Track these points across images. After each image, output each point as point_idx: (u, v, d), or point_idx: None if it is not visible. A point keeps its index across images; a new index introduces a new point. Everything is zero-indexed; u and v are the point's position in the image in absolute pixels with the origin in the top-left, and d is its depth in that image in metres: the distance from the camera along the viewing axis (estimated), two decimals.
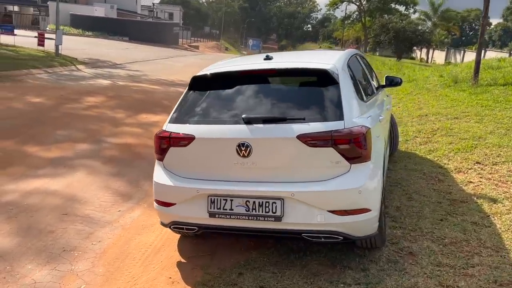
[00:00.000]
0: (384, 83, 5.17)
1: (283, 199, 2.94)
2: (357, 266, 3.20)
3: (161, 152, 3.30)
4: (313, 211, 2.92)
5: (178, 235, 3.84)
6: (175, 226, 3.30)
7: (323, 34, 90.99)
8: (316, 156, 2.92)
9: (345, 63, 3.48)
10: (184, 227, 3.26)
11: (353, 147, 2.91)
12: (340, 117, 2.97)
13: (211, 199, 3.07)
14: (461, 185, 4.81)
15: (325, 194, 2.90)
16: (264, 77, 3.31)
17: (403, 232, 3.70)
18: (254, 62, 3.68)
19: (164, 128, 3.32)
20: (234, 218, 3.03)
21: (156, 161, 3.41)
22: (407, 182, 4.97)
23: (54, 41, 17.95)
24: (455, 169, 5.37)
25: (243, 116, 3.03)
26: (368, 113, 3.39)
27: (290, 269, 3.19)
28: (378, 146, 3.26)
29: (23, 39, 20.72)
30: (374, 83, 4.62)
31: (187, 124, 3.22)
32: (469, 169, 5.26)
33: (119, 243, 3.82)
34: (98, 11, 44.61)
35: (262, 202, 2.97)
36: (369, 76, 4.32)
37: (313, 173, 2.96)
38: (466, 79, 11.28)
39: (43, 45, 18.62)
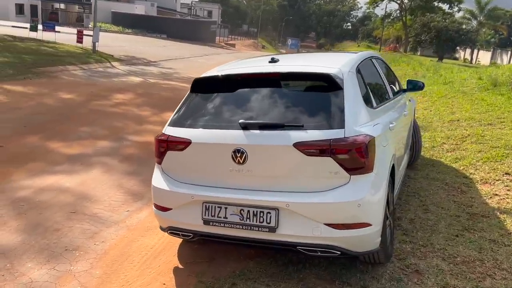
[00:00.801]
0: (406, 87, 4.94)
1: (278, 209, 2.81)
2: (357, 282, 3.02)
3: (160, 156, 3.24)
4: (308, 223, 2.77)
5: (180, 239, 3.78)
6: (171, 231, 3.23)
7: (363, 33, 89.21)
8: (314, 165, 2.77)
9: (354, 67, 3.30)
10: (180, 233, 3.19)
11: (353, 157, 2.74)
12: (341, 125, 2.80)
13: (205, 205, 2.99)
14: (484, 198, 4.51)
15: (322, 206, 2.75)
16: (266, 81, 3.18)
17: (413, 248, 3.48)
18: (258, 65, 3.56)
19: (163, 131, 3.26)
20: (228, 227, 2.93)
21: (156, 164, 3.36)
22: (426, 192, 4.71)
23: (91, 38, 18.44)
24: (481, 179, 5.05)
25: (240, 121, 2.92)
26: (376, 120, 3.20)
27: (286, 282, 3.06)
28: (385, 156, 3.07)
29: (65, 36, 21.43)
30: (393, 88, 4.40)
31: (185, 128, 3.14)
32: (497, 180, 4.94)
33: (121, 244, 3.80)
34: (139, 8, 45.65)
35: (257, 211, 2.86)
36: (385, 81, 4.10)
37: (310, 183, 2.81)
38: (507, 82, 10.68)
39: (81, 42, 19.17)
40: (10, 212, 4.18)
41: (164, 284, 3.19)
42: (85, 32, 20.03)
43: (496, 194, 4.59)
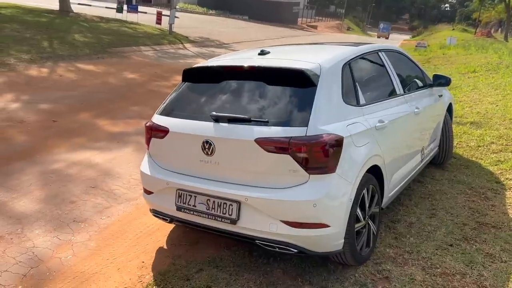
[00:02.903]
0: (432, 82, 4.62)
1: (240, 203, 2.87)
2: (318, 282, 2.99)
3: (147, 142, 3.43)
4: (266, 219, 2.79)
5: None
6: (153, 213, 3.43)
7: (460, 15, 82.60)
8: (274, 162, 2.77)
9: (340, 63, 3.18)
10: (160, 216, 3.37)
11: (312, 156, 2.70)
12: (304, 122, 2.75)
13: (179, 193, 3.12)
14: (507, 207, 4.14)
15: (278, 203, 2.75)
16: (245, 74, 3.20)
17: (396, 253, 3.33)
18: (246, 57, 3.57)
19: (151, 118, 3.43)
20: (196, 215, 3.04)
21: (146, 149, 3.55)
22: (443, 195, 4.42)
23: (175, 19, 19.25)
24: None
25: (211, 113, 2.99)
26: (357, 119, 3.08)
27: (250, 274, 3.11)
28: (358, 157, 2.95)
29: (149, 17, 22.56)
30: (408, 83, 4.14)
31: (167, 117, 3.28)
32: None
33: (124, 220, 4.08)
34: None
35: (221, 202, 2.93)
36: (393, 76, 3.86)
37: (271, 179, 2.81)
38: None
39: (160, 23, 20.13)
40: (38, 182, 4.66)
41: (143, 262, 3.40)
42: (164, 13, 20.95)
43: None
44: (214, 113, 2.99)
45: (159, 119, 3.32)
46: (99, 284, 3.13)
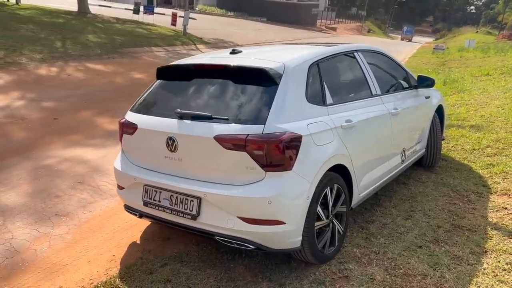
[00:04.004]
0: (417, 83, 4.58)
1: (200, 199, 2.91)
2: (278, 279, 3.01)
3: (120, 138, 3.52)
4: (224, 215, 2.84)
5: None
6: (125, 209, 3.50)
7: (485, 17, 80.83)
8: (232, 159, 2.81)
9: (307, 63, 3.20)
10: (131, 211, 3.44)
11: (269, 154, 2.72)
12: (262, 120, 2.79)
13: (145, 188, 3.19)
14: (489, 211, 4.07)
15: (234, 199, 2.78)
16: (214, 72, 3.25)
17: (363, 253, 3.32)
18: (218, 56, 3.62)
19: (125, 115, 3.52)
20: (161, 210, 3.10)
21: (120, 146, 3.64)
22: (424, 198, 4.38)
23: (191, 21, 19.47)
24: (502, 190, 4.54)
25: (176, 110, 3.05)
26: (321, 118, 3.09)
27: (213, 269, 3.16)
28: (317, 156, 2.95)
29: (166, 18, 22.81)
30: (383, 84, 4.10)
31: (138, 114, 3.36)
32: None
33: (105, 215, 4.18)
34: None
35: (183, 198, 2.99)
36: (369, 77, 3.84)
37: (229, 176, 2.85)
38: None
39: (175, 25, 20.39)
40: (28, 177, 4.81)
41: (113, 255, 3.48)
42: (180, 15, 21.20)
43: (506, 208, 4.10)
44: (178, 110, 3.05)
45: (130, 116, 3.40)
46: (67, 275, 3.22)
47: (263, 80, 2.97)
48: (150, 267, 3.22)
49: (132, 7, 23.55)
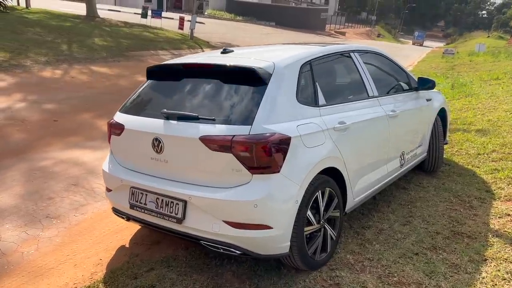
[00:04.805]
0: (417, 85, 4.46)
1: (185, 202, 2.82)
2: (266, 286, 2.90)
3: (109, 139, 3.44)
4: (209, 219, 2.74)
5: None
6: (114, 212, 3.42)
7: (498, 22, 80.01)
8: (218, 161, 2.71)
9: (298, 62, 3.10)
10: (118, 214, 3.36)
11: (255, 156, 2.62)
12: (249, 121, 2.69)
13: (132, 190, 3.11)
14: (491, 217, 3.92)
15: (219, 202, 2.68)
16: (203, 72, 3.16)
17: (356, 260, 3.20)
18: (209, 56, 3.54)
19: (114, 116, 3.45)
20: (147, 213, 3.01)
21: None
22: (424, 203, 4.24)
23: (199, 25, 19.47)
24: (506, 196, 4.38)
25: (162, 111, 2.97)
26: (313, 119, 2.98)
27: (200, 274, 3.06)
28: (307, 158, 2.84)
29: (175, 22, 22.84)
30: (380, 85, 3.98)
31: (125, 114, 3.29)
32: None
33: (96, 218, 4.10)
34: None
35: (168, 201, 2.90)
36: (365, 78, 3.72)
37: (215, 179, 2.76)
38: None
39: (182, 29, 20.40)
40: (22, 178, 4.76)
41: (100, 259, 3.40)
42: (187, 19, 21.22)
43: (509, 214, 3.95)
44: (165, 110, 2.96)
45: (118, 116, 3.33)
46: (51, 279, 3.14)
47: (252, 79, 2.88)
48: (136, 272, 3.12)
49: (139, 11, 23.64)
